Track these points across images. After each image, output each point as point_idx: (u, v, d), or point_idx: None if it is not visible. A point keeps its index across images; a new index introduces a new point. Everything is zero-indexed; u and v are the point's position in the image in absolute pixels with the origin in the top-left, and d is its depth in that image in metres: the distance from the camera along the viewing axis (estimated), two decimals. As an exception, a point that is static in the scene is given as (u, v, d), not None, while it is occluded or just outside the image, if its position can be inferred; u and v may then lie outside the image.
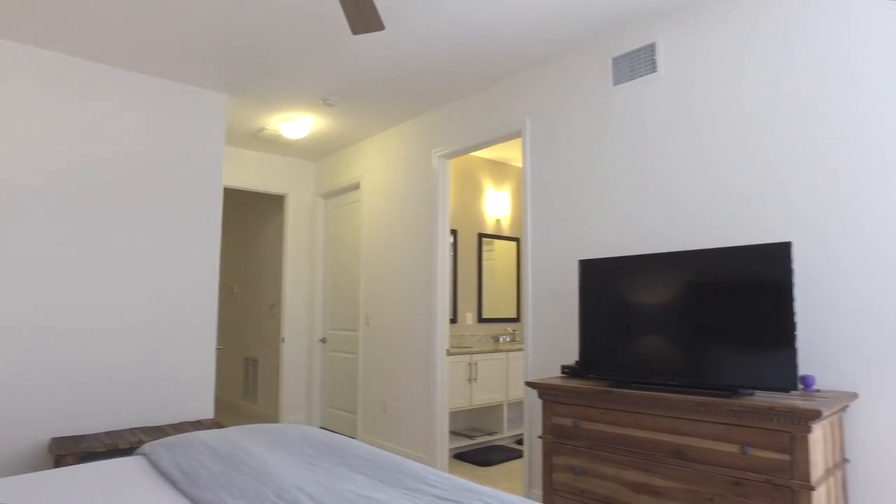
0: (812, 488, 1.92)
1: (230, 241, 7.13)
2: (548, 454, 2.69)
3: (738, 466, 2.10)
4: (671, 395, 2.28)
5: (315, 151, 5.58)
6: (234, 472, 1.88)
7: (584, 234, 3.27)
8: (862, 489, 2.23)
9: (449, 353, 4.30)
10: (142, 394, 3.61)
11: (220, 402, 7.03)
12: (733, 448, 2.12)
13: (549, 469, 2.68)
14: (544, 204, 3.51)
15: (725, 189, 2.70)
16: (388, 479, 1.88)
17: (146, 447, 2.27)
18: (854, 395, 2.23)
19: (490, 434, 5.00)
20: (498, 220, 5.88)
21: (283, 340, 5.62)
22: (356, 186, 5.32)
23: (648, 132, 3.01)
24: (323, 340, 5.72)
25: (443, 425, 4.19)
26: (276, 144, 5.32)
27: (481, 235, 5.69)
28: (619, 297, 2.64)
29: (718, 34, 2.78)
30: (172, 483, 1.91)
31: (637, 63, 3.08)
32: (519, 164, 5.99)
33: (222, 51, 3.43)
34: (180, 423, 3.66)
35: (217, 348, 6.69)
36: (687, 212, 2.83)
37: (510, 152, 5.59)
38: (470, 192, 5.65)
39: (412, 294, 4.47)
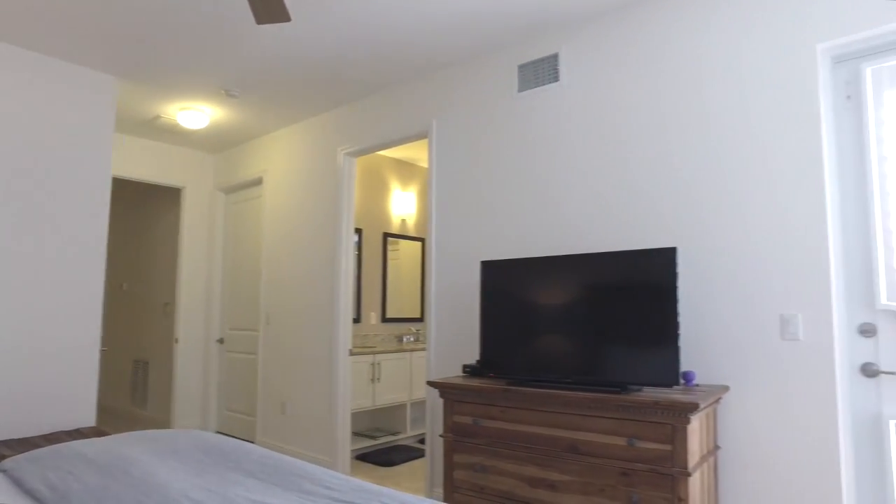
0: (689, 474, 2.07)
1: (120, 236, 6.64)
2: (449, 452, 2.72)
3: (626, 458, 2.22)
4: (566, 392, 2.37)
5: (215, 143, 5.32)
6: (114, 484, 1.75)
7: (488, 235, 3.34)
8: (731, 472, 2.44)
9: (352, 353, 4.24)
10: (5, 402, 3.28)
11: (104, 409, 6.53)
12: (622, 441, 2.24)
13: (450, 467, 2.71)
14: (449, 205, 3.55)
15: (619, 196, 2.85)
16: (283, 482, 1.83)
17: (7, 462, 2.06)
18: (726, 388, 2.43)
19: (393, 434, 4.99)
20: (403, 220, 5.88)
21: (177, 341, 5.32)
22: (258, 182, 5.13)
23: (550, 139, 3.13)
24: (220, 341, 5.47)
25: (345, 426, 4.13)
26: (174, 134, 5.02)
27: (386, 235, 5.66)
28: (518, 297, 2.72)
29: (615, 49, 2.93)
30: (38, 501, 1.74)
31: (541, 72, 3.19)
32: (425, 164, 6.01)
33: (112, 29, 3.19)
34: (54, 434, 3.35)
35: (101, 350, 6.21)
36: (585, 216, 2.96)
37: (417, 152, 5.61)
38: (376, 191, 5.61)
39: (315, 293, 4.37)
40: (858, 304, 2.30)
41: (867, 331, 2.27)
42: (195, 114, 4.38)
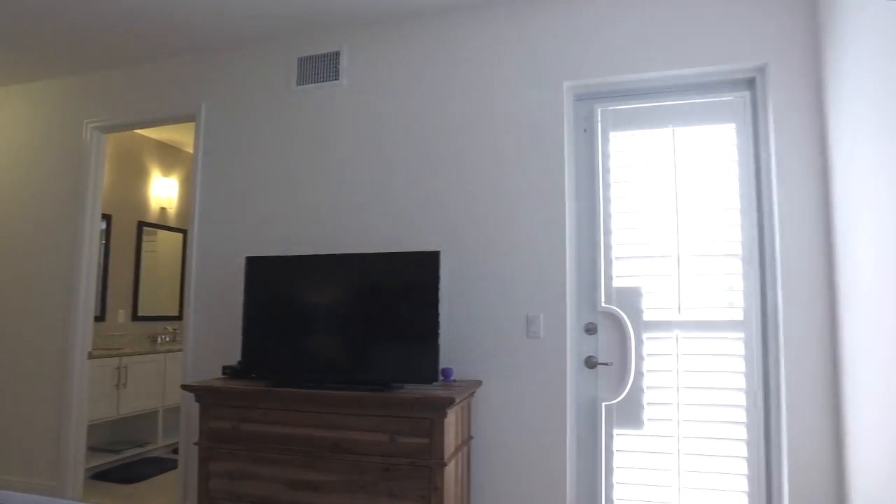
0: (445, 464, 2.22)
1: None
2: (204, 461, 2.53)
3: (388, 454, 2.29)
4: (330, 391, 2.37)
5: None
6: None
7: (257, 230, 3.19)
8: (482, 458, 2.68)
9: (92, 357, 3.70)
10: None
11: None
12: (385, 437, 2.31)
13: (205, 477, 2.52)
14: (216, 196, 3.31)
15: (390, 199, 2.94)
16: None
17: None
18: (479, 383, 2.67)
19: (141, 446, 4.48)
20: (164, 209, 5.33)
21: None
22: (-29, 149, 4.19)
23: (327, 137, 3.10)
24: None
25: (78, 442, 3.57)
26: None
27: (142, 224, 5.08)
28: (285, 296, 2.65)
29: (395, 57, 3.03)
30: None
31: (322, 68, 3.15)
32: (192, 149, 5.54)
33: None
34: None
35: None
36: (357, 217, 2.99)
37: (183, 136, 5.13)
38: (132, 174, 5.00)
39: (46, 287, 3.72)
40: (585, 306, 2.70)
41: (590, 329, 2.68)
42: None
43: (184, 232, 5.50)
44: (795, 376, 2.35)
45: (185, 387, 2.61)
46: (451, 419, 2.33)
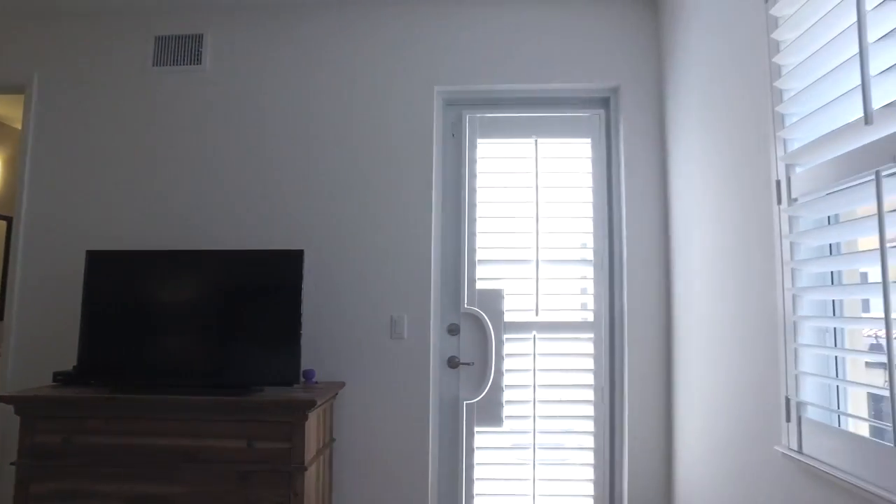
0: (305, 469, 2.16)
1: None
2: (24, 482, 2.23)
3: (246, 460, 2.18)
4: (184, 397, 2.21)
5: None
6: None
7: (100, 221, 2.88)
8: (344, 459, 2.64)
9: None
10: None
11: None
12: (242, 443, 2.19)
13: (23, 501, 2.23)
14: (50, 180, 2.94)
15: (254, 193, 2.81)
16: None
17: None
18: (342, 384, 2.63)
19: (-57, 465, 3.85)
20: (-17, 192, 4.65)
21: None
22: None
23: (187, 123, 2.89)
24: None
25: None
26: None
27: (-46, 208, 4.39)
28: (131, 294, 2.42)
29: (266, 45, 2.89)
30: None
31: (183, 50, 2.92)
32: (20, 125, 4.89)
33: None
34: None
35: None
36: (216, 210, 2.82)
37: (9, 109, 4.51)
38: (-59, 149, 4.30)
39: None
40: (448, 307, 2.77)
41: (453, 330, 2.75)
42: None
43: (8, 219, 4.83)
44: (637, 374, 2.58)
45: (2, 398, 2.29)
46: (313, 422, 2.27)
